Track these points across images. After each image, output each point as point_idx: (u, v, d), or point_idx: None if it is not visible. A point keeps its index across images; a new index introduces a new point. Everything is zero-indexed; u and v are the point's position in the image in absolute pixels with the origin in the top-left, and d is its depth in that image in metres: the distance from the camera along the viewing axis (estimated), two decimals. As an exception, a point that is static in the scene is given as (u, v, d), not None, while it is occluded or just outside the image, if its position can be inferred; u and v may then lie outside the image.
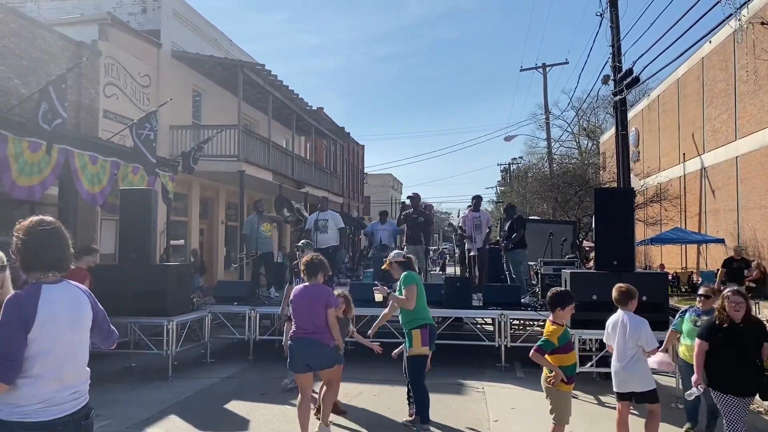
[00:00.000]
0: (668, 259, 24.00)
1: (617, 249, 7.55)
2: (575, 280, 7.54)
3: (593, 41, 25.62)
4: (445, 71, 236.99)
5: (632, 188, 11.06)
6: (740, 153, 18.70)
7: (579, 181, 22.47)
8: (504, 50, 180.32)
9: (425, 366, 5.73)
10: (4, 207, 9.21)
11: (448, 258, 24.80)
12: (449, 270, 18.27)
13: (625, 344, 4.85)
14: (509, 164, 47.66)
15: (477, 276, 11.11)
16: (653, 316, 5.25)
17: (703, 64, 21.84)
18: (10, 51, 10.46)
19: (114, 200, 10.11)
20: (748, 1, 10.06)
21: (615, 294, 5.04)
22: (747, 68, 17.64)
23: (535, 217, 20.96)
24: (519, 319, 9.99)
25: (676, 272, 20.91)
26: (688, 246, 22.69)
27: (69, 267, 2.53)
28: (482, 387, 7.53)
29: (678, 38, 11.49)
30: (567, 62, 58.71)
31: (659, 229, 22.88)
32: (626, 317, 4.91)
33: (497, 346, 8.49)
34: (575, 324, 6.92)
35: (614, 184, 18.01)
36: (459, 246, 13.15)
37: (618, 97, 13.52)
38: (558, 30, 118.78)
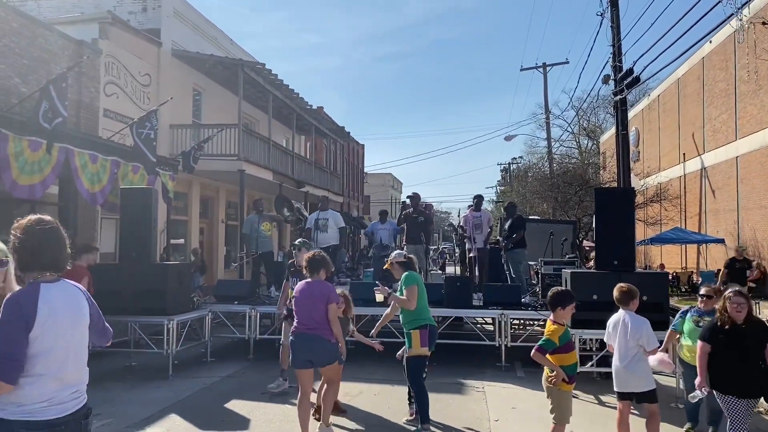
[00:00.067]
0: (668, 259, 24.01)
1: (617, 249, 7.55)
2: (576, 280, 7.54)
3: (594, 41, 25.74)
4: (446, 71, 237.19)
5: (632, 188, 11.05)
6: (740, 153, 18.70)
7: (579, 181, 22.48)
8: (504, 50, 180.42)
9: (425, 367, 5.73)
10: (5, 206, 9.20)
11: (448, 258, 24.79)
12: (449, 270, 18.26)
13: (627, 344, 4.84)
14: (509, 164, 47.73)
15: (477, 276, 11.11)
16: (653, 316, 5.24)
17: (704, 64, 21.84)
18: (11, 50, 10.46)
19: (114, 199, 10.10)
20: (749, 1, 10.07)
21: (616, 294, 5.04)
22: (747, 68, 17.64)
23: (535, 217, 20.96)
24: (519, 319, 10.00)
25: (676, 272, 20.92)
26: (688, 246, 22.70)
27: (66, 267, 2.51)
28: (482, 386, 7.53)
29: (678, 38, 11.47)
30: (567, 62, 58.83)
31: (659, 229, 22.88)
32: (627, 317, 4.91)
33: (497, 346, 8.49)
34: (576, 324, 6.92)
35: (614, 184, 18.01)
36: (459, 246, 13.15)
37: (618, 97, 13.52)
38: (558, 30, 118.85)
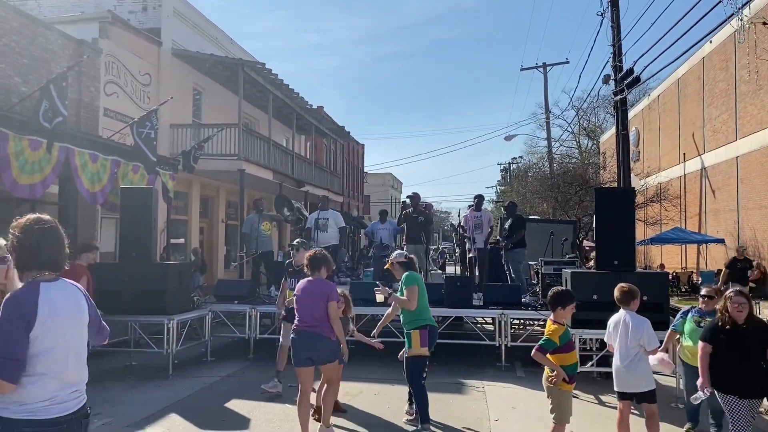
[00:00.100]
0: (668, 259, 24.01)
1: (618, 249, 7.55)
2: (576, 280, 7.53)
3: (594, 41, 25.80)
4: (446, 71, 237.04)
5: (633, 188, 11.04)
6: (741, 153, 18.71)
7: (579, 181, 22.49)
8: (504, 50, 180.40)
9: (425, 367, 5.72)
10: (4, 205, 9.19)
11: (448, 257, 24.79)
12: (449, 269, 18.26)
13: (628, 344, 4.84)
14: (509, 164, 47.73)
15: (477, 276, 11.11)
16: (653, 316, 5.24)
17: (704, 64, 21.84)
18: (11, 49, 10.45)
19: (114, 199, 10.09)
20: (750, 1, 10.07)
21: (617, 294, 5.03)
22: (748, 68, 17.64)
23: (535, 217, 20.95)
24: (519, 319, 10.00)
25: (676, 272, 20.93)
26: (688, 246, 22.70)
27: (64, 266, 2.51)
28: (482, 386, 7.53)
29: (679, 38, 11.45)
30: (567, 62, 58.86)
31: (659, 229, 22.89)
32: (628, 317, 4.91)
33: (497, 346, 8.49)
34: (576, 324, 6.93)
35: (614, 184, 18.02)
36: (459, 245, 13.15)
37: (618, 97, 13.53)
38: (558, 29, 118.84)
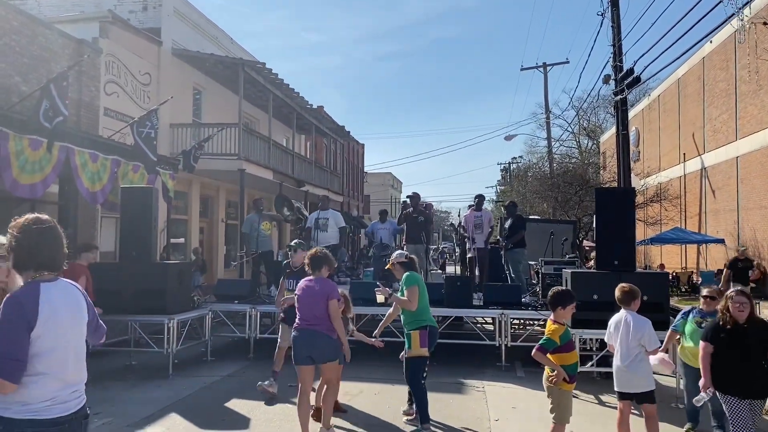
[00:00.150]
0: (668, 259, 24.01)
1: (618, 249, 7.55)
2: (576, 280, 7.53)
3: (594, 41, 25.83)
4: (446, 70, 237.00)
5: (633, 188, 11.04)
6: (741, 153, 18.70)
7: (579, 181, 22.50)
8: (505, 49, 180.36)
9: (425, 367, 5.71)
10: (4, 204, 9.19)
11: (448, 257, 24.81)
12: (449, 269, 18.27)
13: (629, 344, 4.84)
14: (509, 163, 47.72)
15: (477, 275, 11.10)
16: (654, 316, 5.23)
17: (704, 64, 21.83)
18: (11, 48, 10.45)
19: (114, 198, 10.09)
20: (750, 1, 10.06)
21: (618, 294, 5.03)
22: (748, 68, 17.63)
23: (535, 217, 20.96)
24: (519, 319, 10.00)
25: (676, 272, 20.92)
26: (688, 246, 22.70)
27: (63, 266, 2.50)
28: (483, 386, 7.53)
29: (679, 38, 11.46)
30: (568, 62, 58.86)
31: (659, 229, 22.89)
32: (630, 317, 4.91)
33: (498, 346, 8.49)
34: (576, 324, 6.93)
35: (614, 184, 18.02)
36: (459, 245, 13.15)
37: (619, 97, 13.53)
38: (559, 29, 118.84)
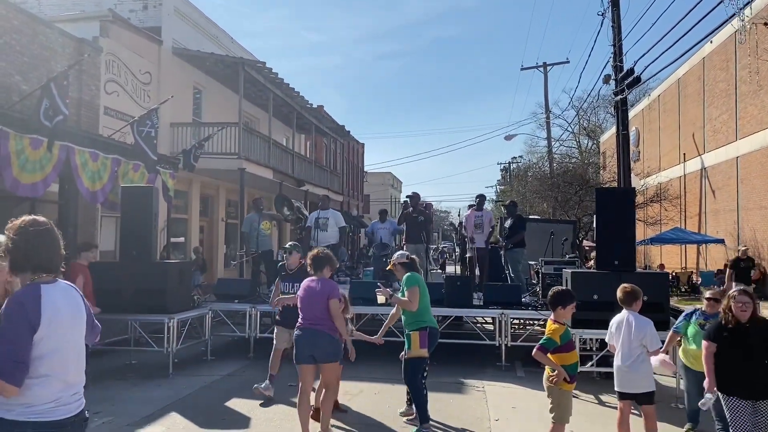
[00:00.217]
0: (668, 259, 24.01)
1: (618, 249, 7.55)
2: (576, 280, 7.53)
3: (594, 41, 25.89)
4: (446, 69, 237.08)
5: (633, 188, 11.04)
6: (741, 153, 18.71)
7: (579, 181, 22.52)
8: (505, 49, 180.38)
9: (424, 368, 5.70)
10: (4, 203, 9.18)
11: (448, 257, 24.84)
12: (449, 269, 18.27)
13: (630, 344, 4.85)
14: (509, 163, 47.74)
15: (477, 275, 11.11)
16: (654, 316, 5.23)
17: (704, 64, 21.84)
18: (12, 47, 10.44)
19: (114, 198, 10.09)
20: (751, 1, 10.06)
21: (620, 294, 5.03)
22: (748, 68, 17.64)
23: (535, 217, 20.97)
24: (519, 319, 9.99)
25: (676, 272, 20.92)
26: (688, 246, 22.71)
27: (59, 268, 2.50)
28: (483, 386, 7.53)
29: (679, 38, 11.40)
30: (568, 61, 58.82)
31: (659, 229, 22.89)
32: (631, 317, 4.92)
33: (498, 345, 8.50)
34: (576, 323, 6.93)
35: (614, 184, 18.03)
36: (459, 245, 13.15)
37: (619, 97, 13.53)
38: (559, 29, 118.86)
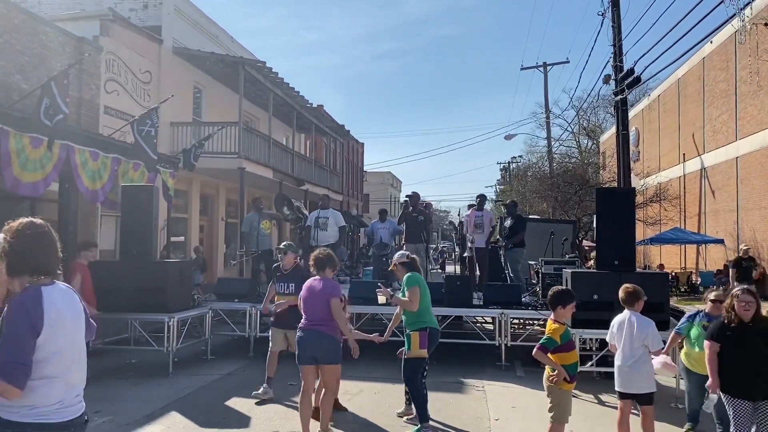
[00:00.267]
0: (667, 259, 24.01)
1: (618, 249, 7.55)
2: (576, 280, 7.52)
3: (594, 41, 25.92)
4: (446, 69, 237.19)
5: (633, 188, 11.05)
6: (740, 153, 18.72)
7: (579, 181, 22.54)
8: (505, 49, 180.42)
9: (423, 368, 5.70)
10: (4, 203, 9.18)
11: (447, 256, 24.88)
12: (449, 268, 18.28)
13: (632, 344, 4.85)
14: (509, 163, 47.76)
15: (477, 275, 11.11)
16: (654, 316, 5.23)
17: (704, 65, 21.84)
18: (12, 46, 10.44)
19: (114, 197, 10.09)
20: (751, 1, 10.07)
21: (622, 294, 5.04)
22: (748, 68, 17.64)
23: (536, 217, 20.97)
24: (519, 319, 9.99)
25: (675, 272, 20.93)
26: (688, 246, 22.71)
27: (56, 271, 2.50)
28: (482, 386, 7.53)
29: (680, 39, 11.39)
30: (568, 61, 58.83)
31: (659, 229, 22.90)
32: (634, 317, 4.93)
33: (497, 345, 8.50)
34: (576, 323, 6.93)
35: (614, 184, 18.03)
36: (459, 245, 13.15)
37: (619, 97, 13.54)
38: (559, 29, 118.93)
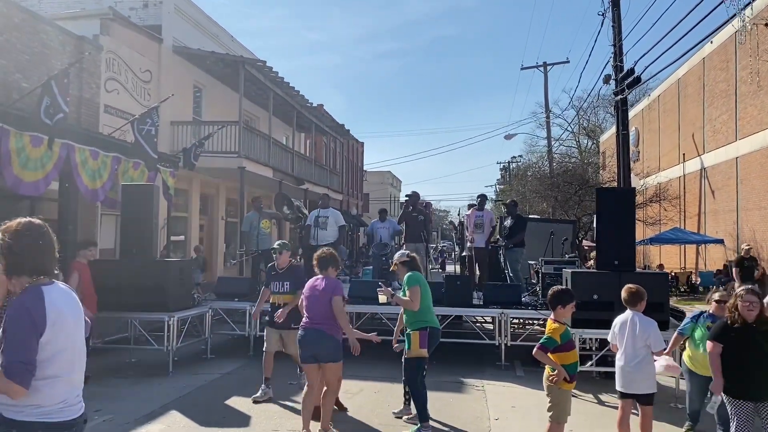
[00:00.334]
0: (667, 259, 24.02)
1: (618, 249, 7.56)
2: (576, 280, 7.52)
3: (595, 41, 25.92)
4: (446, 69, 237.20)
5: (633, 188, 11.05)
6: (740, 154, 18.72)
7: (579, 181, 22.53)
8: (505, 48, 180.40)
9: (423, 368, 5.69)
10: (4, 202, 9.17)
11: (447, 256, 24.90)
12: (449, 268, 18.30)
13: (635, 344, 4.86)
14: (509, 163, 47.78)
15: (477, 275, 11.12)
16: (654, 316, 5.23)
17: (704, 65, 21.84)
18: (12, 45, 10.43)
19: (114, 196, 10.09)
20: (752, 1, 10.07)
21: (625, 294, 5.04)
22: (748, 69, 17.64)
23: (536, 216, 20.98)
24: (519, 318, 10.00)
25: (675, 272, 20.94)
26: (687, 246, 22.71)
27: (54, 271, 2.50)
28: (482, 385, 7.54)
29: (680, 39, 11.37)
30: (568, 61, 58.68)
31: (658, 229, 22.90)
32: (636, 317, 4.93)
33: (497, 345, 8.50)
34: (576, 323, 6.94)
35: (614, 184, 18.03)
36: (459, 244, 13.17)
37: (619, 97, 13.54)
38: (559, 29, 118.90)
